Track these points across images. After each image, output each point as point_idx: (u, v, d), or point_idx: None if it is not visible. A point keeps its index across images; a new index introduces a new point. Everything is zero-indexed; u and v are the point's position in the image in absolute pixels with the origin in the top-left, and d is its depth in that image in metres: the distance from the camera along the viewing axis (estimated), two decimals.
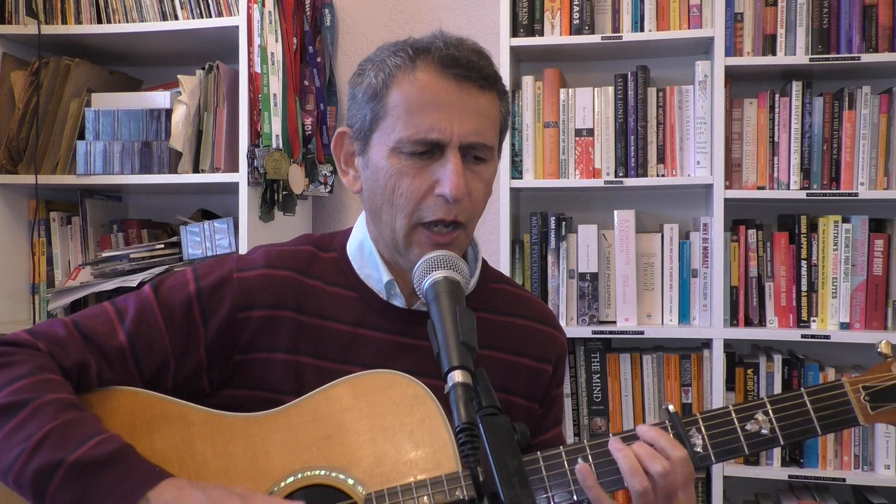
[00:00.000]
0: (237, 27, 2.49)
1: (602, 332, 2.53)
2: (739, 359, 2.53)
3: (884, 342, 1.15)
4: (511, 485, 0.85)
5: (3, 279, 2.68)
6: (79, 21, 2.65)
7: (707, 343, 2.50)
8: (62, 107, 2.67)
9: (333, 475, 1.13)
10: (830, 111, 2.45)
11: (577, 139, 2.57)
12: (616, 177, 2.55)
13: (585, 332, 2.53)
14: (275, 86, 2.57)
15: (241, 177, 2.48)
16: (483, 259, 1.35)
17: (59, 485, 1.04)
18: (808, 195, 2.44)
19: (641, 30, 2.52)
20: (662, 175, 2.54)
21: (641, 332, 2.51)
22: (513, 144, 2.59)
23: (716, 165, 2.45)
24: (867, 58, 2.39)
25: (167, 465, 1.13)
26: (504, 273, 1.43)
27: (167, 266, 2.52)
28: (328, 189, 2.80)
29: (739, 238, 2.49)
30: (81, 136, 2.64)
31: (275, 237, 2.53)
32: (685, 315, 2.55)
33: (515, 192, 2.62)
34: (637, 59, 2.62)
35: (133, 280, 2.45)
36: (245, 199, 2.48)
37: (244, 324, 1.23)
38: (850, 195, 2.43)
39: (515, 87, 2.60)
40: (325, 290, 1.27)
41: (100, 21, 2.65)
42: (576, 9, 2.54)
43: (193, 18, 2.58)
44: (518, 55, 2.66)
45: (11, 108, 2.66)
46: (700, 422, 1.14)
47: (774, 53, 2.46)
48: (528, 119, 2.59)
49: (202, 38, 2.65)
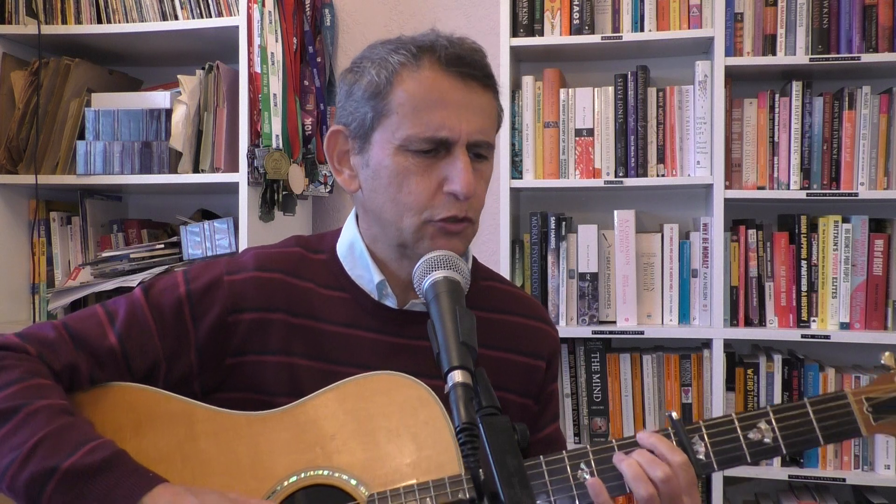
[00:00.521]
0: (237, 27, 2.49)
1: (602, 332, 2.53)
2: (739, 359, 2.53)
3: (887, 354, 1.14)
4: (511, 485, 0.85)
5: (3, 279, 2.68)
6: (79, 21, 2.65)
7: (707, 343, 2.50)
8: (62, 107, 2.67)
9: (336, 475, 1.13)
10: (830, 111, 2.45)
11: (577, 139, 2.57)
12: (616, 177, 2.55)
13: (585, 332, 2.53)
14: (275, 86, 2.57)
15: (241, 177, 2.48)
16: (473, 257, 1.35)
17: (54, 492, 1.04)
18: (808, 195, 2.44)
19: (641, 30, 2.52)
20: (662, 175, 2.54)
21: (641, 332, 2.51)
22: (513, 144, 2.59)
23: (716, 165, 2.45)
24: (867, 58, 2.39)
25: (170, 463, 1.14)
26: (498, 273, 1.43)
27: (167, 266, 2.52)
28: (328, 189, 2.81)
29: (739, 238, 2.49)
30: (81, 136, 2.64)
31: (275, 237, 2.51)
32: (685, 315, 2.55)
33: (515, 192, 2.62)
34: (637, 59, 2.62)
35: (133, 280, 2.45)
36: (245, 199, 2.48)
37: (235, 327, 1.23)
38: (850, 195, 2.43)
39: (515, 87, 2.60)
40: (316, 292, 1.27)
41: (100, 21, 2.64)
42: (576, 9, 2.54)
43: (193, 18, 2.58)
44: (518, 55, 2.66)
45: (11, 108, 2.66)
46: (703, 429, 1.13)
47: (774, 53, 2.46)
48: (528, 119, 2.59)
49: (202, 38, 2.65)
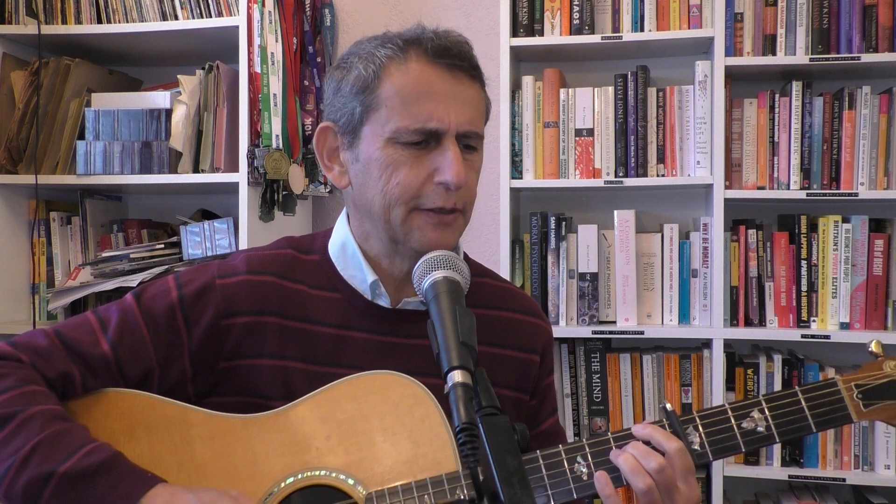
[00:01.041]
0: (237, 27, 2.49)
1: (602, 332, 2.53)
2: (739, 359, 2.53)
3: (874, 342, 1.18)
4: (511, 485, 0.85)
5: (3, 279, 2.69)
6: (79, 21, 2.65)
7: (707, 343, 2.50)
8: (62, 107, 2.67)
9: (334, 475, 1.13)
10: (830, 111, 2.45)
11: (577, 139, 2.57)
12: (616, 177, 2.55)
13: (585, 332, 2.53)
14: (275, 86, 2.57)
15: (241, 177, 2.48)
16: (465, 253, 1.34)
17: (51, 496, 1.04)
18: (808, 195, 2.44)
19: (641, 30, 2.52)
20: (662, 175, 2.54)
21: (641, 332, 2.51)
22: (513, 144, 2.59)
23: (716, 165, 2.45)
24: (867, 58, 2.39)
25: (166, 467, 1.13)
26: (492, 269, 1.42)
27: (167, 266, 2.52)
28: (328, 189, 2.80)
29: (739, 238, 2.49)
30: (81, 136, 2.64)
31: (275, 237, 2.52)
32: (685, 315, 2.55)
33: (515, 192, 2.62)
34: (637, 59, 2.61)
35: (133, 280, 2.45)
36: (245, 199, 2.48)
37: (228, 331, 1.23)
38: (850, 195, 2.43)
39: (515, 87, 2.60)
40: (309, 294, 1.27)
41: (100, 21, 2.64)
42: (576, 9, 2.54)
43: (193, 18, 2.58)
44: (518, 55, 2.66)
45: (11, 108, 2.66)
46: (697, 420, 1.15)
47: (774, 53, 2.46)
48: (528, 119, 2.58)
49: (202, 38, 2.65)
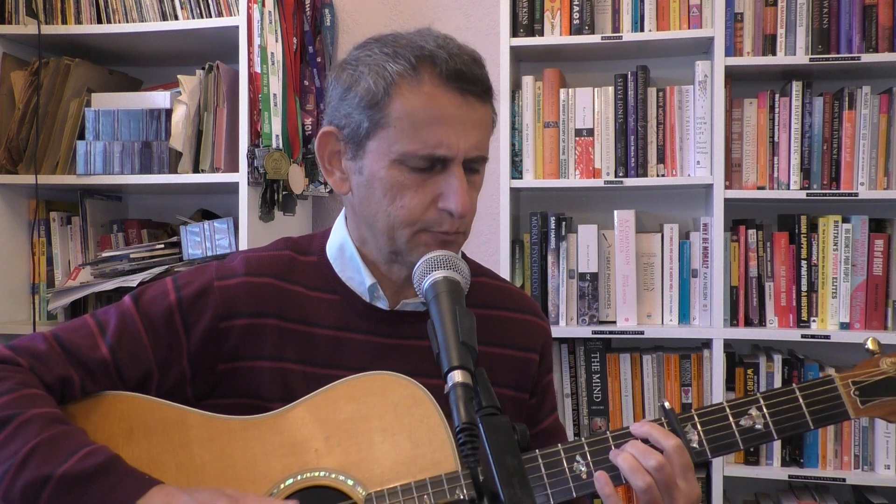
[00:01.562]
0: (237, 27, 2.49)
1: (602, 332, 2.53)
2: (739, 359, 2.53)
3: (870, 339, 1.18)
4: (511, 485, 0.85)
5: (3, 279, 2.68)
6: (79, 21, 2.65)
7: (707, 343, 2.50)
8: (62, 107, 2.67)
9: (333, 476, 1.13)
10: (830, 111, 2.45)
11: (577, 139, 2.57)
12: (616, 177, 2.55)
13: (585, 332, 2.53)
14: (275, 86, 2.57)
15: (241, 177, 2.48)
16: (462, 252, 1.34)
17: (50, 499, 1.04)
18: (808, 195, 2.44)
19: (641, 30, 2.52)
20: (662, 175, 2.54)
21: (641, 332, 2.51)
22: (513, 144, 2.59)
23: (716, 165, 2.44)
24: (867, 58, 2.39)
25: (164, 470, 1.13)
26: (490, 269, 1.42)
27: (167, 266, 2.52)
28: (328, 189, 2.80)
29: (739, 238, 2.49)
30: (81, 136, 2.64)
31: (275, 237, 2.52)
32: (685, 315, 2.55)
33: (515, 192, 2.62)
34: (637, 59, 2.61)
35: (133, 280, 2.45)
36: (245, 199, 2.48)
37: (226, 333, 1.22)
38: (850, 195, 2.43)
39: (515, 87, 2.60)
40: (307, 295, 1.26)
41: (100, 21, 2.64)
42: (576, 9, 2.54)
43: (193, 18, 2.58)
44: (518, 55, 2.66)
45: (11, 108, 2.66)
46: (695, 417, 1.16)
47: (774, 53, 2.46)
48: (528, 119, 2.58)
49: (202, 38, 2.65)
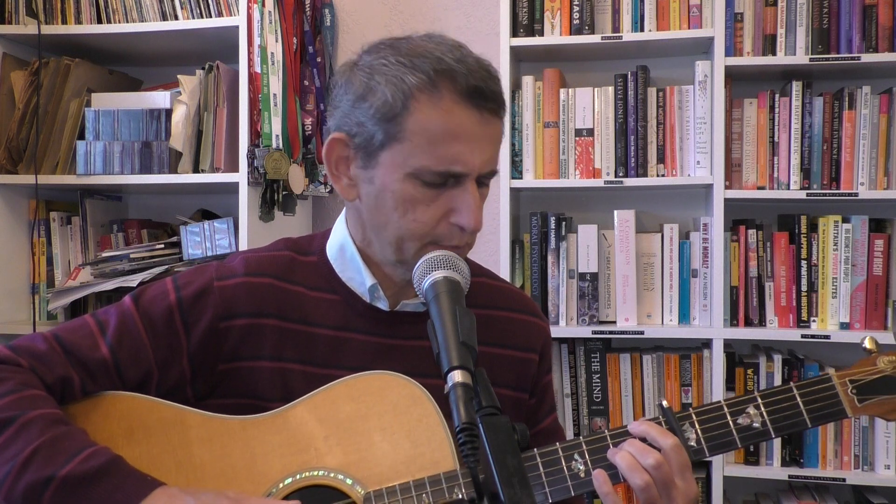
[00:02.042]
0: (237, 27, 2.49)
1: (602, 332, 2.53)
2: (739, 359, 2.53)
3: (868, 338, 1.19)
4: (511, 485, 0.85)
5: (3, 279, 2.68)
6: (79, 21, 2.65)
7: (707, 343, 2.50)
8: (62, 107, 2.67)
9: (332, 475, 1.13)
10: (830, 111, 2.45)
11: (577, 139, 2.57)
12: (616, 177, 2.55)
13: (585, 332, 2.53)
14: (275, 86, 2.57)
15: (241, 177, 2.48)
16: None
17: (51, 500, 1.04)
18: (808, 195, 2.44)
19: (641, 30, 2.52)
20: (662, 175, 2.54)
21: (641, 332, 2.51)
22: (513, 144, 2.59)
23: (716, 165, 2.44)
24: (867, 58, 2.39)
25: (164, 470, 1.13)
26: (489, 269, 1.42)
27: (167, 266, 2.52)
28: (328, 189, 2.80)
29: (739, 238, 2.49)
30: (81, 136, 2.64)
31: (275, 237, 2.52)
32: (685, 315, 2.55)
33: (515, 192, 2.62)
34: (637, 59, 2.61)
35: (133, 280, 2.45)
36: (245, 199, 2.48)
37: (226, 333, 1.22)
38: (850, 195, 2.43)
39: (515, 87, 2.60)
40: (307, 295, 1.26)
41: (100, 21, 2.64)
42: (576, 9, 2.54)
43: (193, 18, 2.58)
44: (518, 55, 2.66)
45: (11, 108, 2.66)
46: (693, 416, 1.16)
47: (774, 53, 2.46)
48: (528, 119, 2.58)
49: (202, 38, 2.65)
